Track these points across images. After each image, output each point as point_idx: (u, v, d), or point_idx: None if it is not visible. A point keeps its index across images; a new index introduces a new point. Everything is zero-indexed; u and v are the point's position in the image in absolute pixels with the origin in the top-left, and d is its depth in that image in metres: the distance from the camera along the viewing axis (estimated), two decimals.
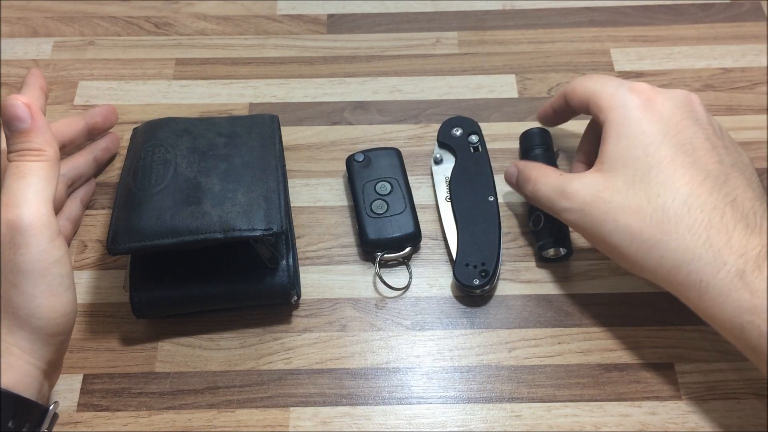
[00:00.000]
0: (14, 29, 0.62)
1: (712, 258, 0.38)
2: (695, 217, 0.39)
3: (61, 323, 0.38)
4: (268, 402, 0.44)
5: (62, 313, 0.38)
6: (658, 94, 0.43)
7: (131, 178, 0.45)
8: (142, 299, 0.44)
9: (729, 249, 0.38)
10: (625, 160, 0.42)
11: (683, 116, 0.43)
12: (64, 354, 0.40)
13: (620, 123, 0.43)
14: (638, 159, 0.41)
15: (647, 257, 0.40)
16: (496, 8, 0.64)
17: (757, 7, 0.63)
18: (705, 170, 0.40)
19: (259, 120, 0.50)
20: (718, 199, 0.39)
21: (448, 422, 0.44)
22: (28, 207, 0.37)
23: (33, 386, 0.37)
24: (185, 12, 0.64)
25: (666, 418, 0.44)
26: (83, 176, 0.51)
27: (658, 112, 0.43)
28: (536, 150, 0.52)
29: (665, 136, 0.42)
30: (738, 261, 0.37)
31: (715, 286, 0.38)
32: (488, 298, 0.48)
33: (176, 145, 0.47)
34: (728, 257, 0.38)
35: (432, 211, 0.52)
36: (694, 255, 0.38)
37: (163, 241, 0.42)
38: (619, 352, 0.46)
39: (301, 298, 0.48)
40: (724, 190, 0.40)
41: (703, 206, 0.39)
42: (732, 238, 0.38)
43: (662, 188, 0.40)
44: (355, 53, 0.61)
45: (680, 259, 0.39)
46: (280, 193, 0.45)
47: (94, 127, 0.52)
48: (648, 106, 0.43)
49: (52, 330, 0.38)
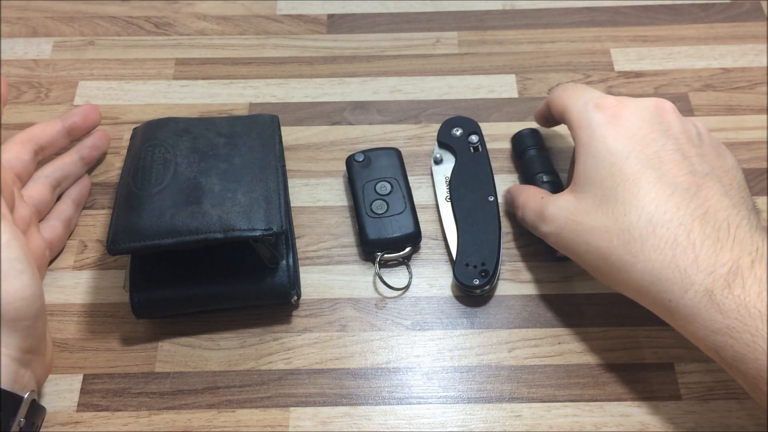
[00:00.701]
0: (14, 29, 0.62)
1: (678, 278, 0.37)
2: (660, 236, 0.38)
3: (21, 307, 0.37)
4: (268, 402, 0.44)
5: (19, 297, 0.37)
6: (625, 108, 0.43)
7: (131, 178, 0.45)
8: (142, 299, 0.44)
9: (696, 268, 0.37)
10: (594, 180, 0.41)
11: (651, 129, 0.42)
12: (42, 342, 0.39)
13: (587, 143, 0.43)
14: (604, 179, 0.41)
15: (617, 278, 0.40)
16: (496, 8, 0.64)
17: (757, 7, 0.63)
18: (673, 184, 0.39)
19: (259, 120, 0.50)
20: (686, 215, 0.38)
21: (448, 422, 0.44)
22: None
23: (6, 376, 0.37)
24: (185, 12, 0.64)
25: (666, 418, 0.44)
26: (71, 176, 0.51)
27: (624, 127, 0.42)
28: (530, 151, 0.52)
29: (630, 152, 0.41)
30: (706, 280, 0.36)
31: (684, 306, 0.37)
32: (488, 298, 0.48)
33: (176, 145, 0.47)
34: (695, 276, 0.37)
35: (432, 211, 0.52)
36: (660, 276, 0.38)
37: (163, 241, 0.42)
38: (619, 352, 0.46)
39: (301, 298, 0.48)
40: (694, 203, 0.39)
41: (669, 223, 0.38)
42: (699, 257, 0.37)
43: (628, 207, 0.39)
44: (355, 53, 0.61)
45: (647, 280, 0.38)
46: (280, 193, 0.45)
47: (72, 128, 0.52)
48: (613, 122, 0.42)
49: (12, 315, 0.37)
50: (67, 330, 0.47)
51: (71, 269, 0.49)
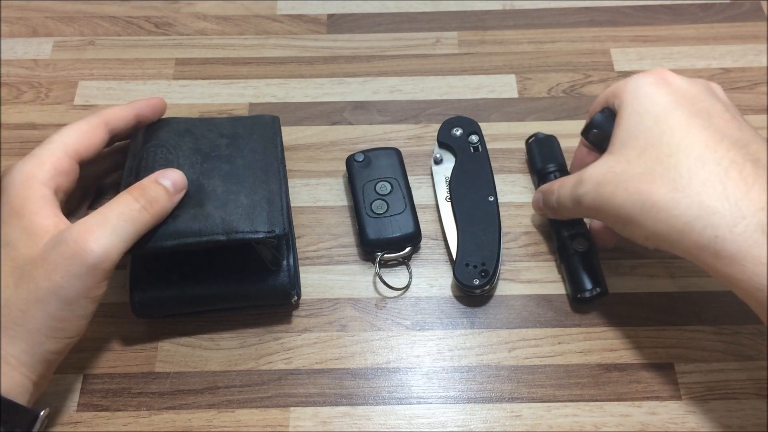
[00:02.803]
0: (14, 29, 0.62)
1: (728, 211, 0.35)
2: (710, 170, 0.36)
3: (65, 344, 0.38)
4: (268, 402, 0.44)
5: (71, 335, 0.38)
6: (673, 75, 0.42)
7: (133, 179, 0.45)
8: (142, 299, 0.44)
9: (749, 201, 0.35)
10: (636, 132, 0.40)
11: (699, 91, 0.41)
12: (54, 369, 0.40)
13: (631, 101, 0.41)
14: (649, 128, 0.39)
15: (658, 220, 0.37)
16: (496, 8, 0.64)
17: (757, 7, 0.63)
18: (722, 133, 0.38)
19: (260, 121, 0.50)
20: (737, 155, 0.36)
21: (448, 422, 0.44)
22: (105, 247, 0.37)
23: (23, 396, 0.37)
24: (185, 12, 0.64)
25: (666, 418, 0.44)
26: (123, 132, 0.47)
27: (673, 86, 0.41)
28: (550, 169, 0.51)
29: (678, 105, 0.39)
30: (759, 214, 0.34)
31: (732, 242, 0.35)
32: (488, 298, 0.48)
33: (178, 146, 0.47)
34: (747, 210, 0.34)
35: (432, 211, 0.52)
36: (709, 209, 0.35)
37: (166, 244, 0.42)
38: (619, 352, 0.46)
39: (301, 298, 0.48)
40: (744, 150, 0.37)
41: (720, 160, 0.36)
42: (751, 191, 0.35)
43: (675, 148, 0.38)
44: (355, 53, 0.61)
45: (693, 215, 0.36)
46: (282, 194, 0.45)
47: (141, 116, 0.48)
48: (661, 82, 0.41)
49: (55, 348, 0.38)
50: None
51: None
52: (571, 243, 0.48)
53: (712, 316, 0.47)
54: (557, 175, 0.51)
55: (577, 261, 0.47)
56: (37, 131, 0.56)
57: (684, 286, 0.48)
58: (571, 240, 0.48)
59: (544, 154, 0.52)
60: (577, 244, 0.48)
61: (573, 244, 0.48)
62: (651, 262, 0.49)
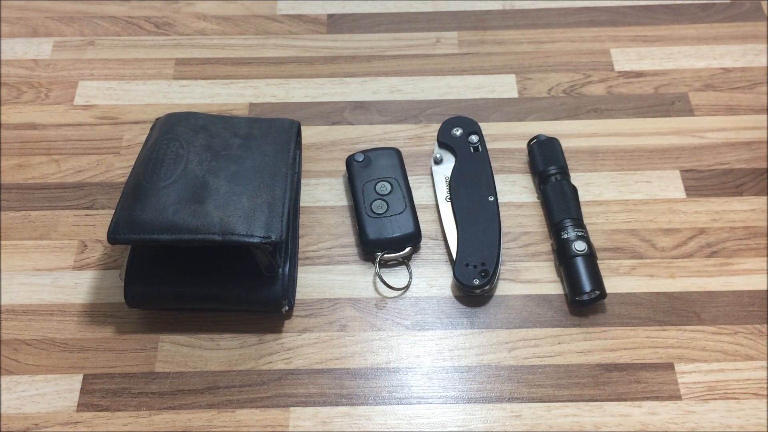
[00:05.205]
0: (14, 29, 0.62)
1: None
2: None
3: None
4: (268, 402, 0.44)
5: None
6: None
7: (141, 169, 0.45)
8: (135, 291, 0.45)
9: None
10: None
11: None
12: None
13: None
14: None
15: None
16: (496, 8, 0.64)
17: (757, 7, 0.63)
18: None
19: (278, 124, 0.50)
20: None
21: (448, 422, 0.44)
22: None
23: None
24: (185, 12, 0.64)
25: (666, 418, 0.44)
26: None
27: None
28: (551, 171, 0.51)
29: None
30: None
31: None
32: (488, 298, 0.48)
33: (191, 141, 0.47)
34: None
35: (432, 211, 0.52)
36: None
37: (162, 237, 0.42)
38: (619, 352, 0.46)
39: (293, 307, 0.48)
40: None
41: None
42: None
43: None
44: (355, 53, 0.61)
45: None
46: (286, 201, 0.45)
47: None
48: None
49: None
50: (67, 330, 0.47)
51: (71, 269, 0.49)
52: (571, 245, 0.48)
53: (712, 316, 0.47)
54: (558, 177, 0.51)
55: (576, 263, 0.47)
56: (37, 131, 0.56)
57: (684, 286, 0.49)
58: (570, 242, 0.48)
59: (545, 157, 0.52)
60: (576, 246, 0.48)
61: (572, 246, 0.48)
62: (651, 262, 0.49)
